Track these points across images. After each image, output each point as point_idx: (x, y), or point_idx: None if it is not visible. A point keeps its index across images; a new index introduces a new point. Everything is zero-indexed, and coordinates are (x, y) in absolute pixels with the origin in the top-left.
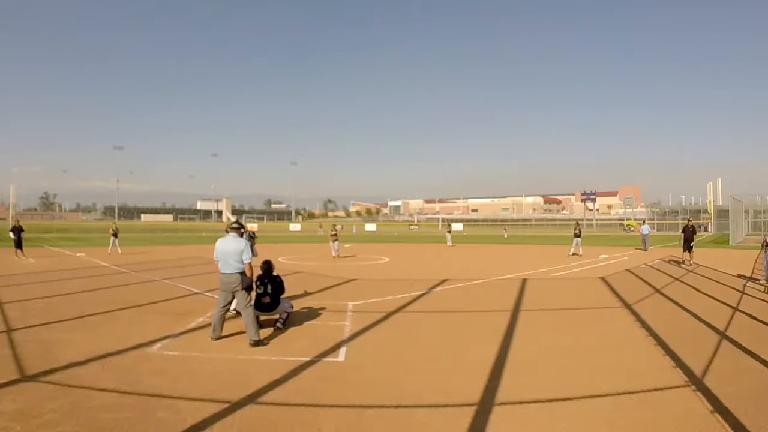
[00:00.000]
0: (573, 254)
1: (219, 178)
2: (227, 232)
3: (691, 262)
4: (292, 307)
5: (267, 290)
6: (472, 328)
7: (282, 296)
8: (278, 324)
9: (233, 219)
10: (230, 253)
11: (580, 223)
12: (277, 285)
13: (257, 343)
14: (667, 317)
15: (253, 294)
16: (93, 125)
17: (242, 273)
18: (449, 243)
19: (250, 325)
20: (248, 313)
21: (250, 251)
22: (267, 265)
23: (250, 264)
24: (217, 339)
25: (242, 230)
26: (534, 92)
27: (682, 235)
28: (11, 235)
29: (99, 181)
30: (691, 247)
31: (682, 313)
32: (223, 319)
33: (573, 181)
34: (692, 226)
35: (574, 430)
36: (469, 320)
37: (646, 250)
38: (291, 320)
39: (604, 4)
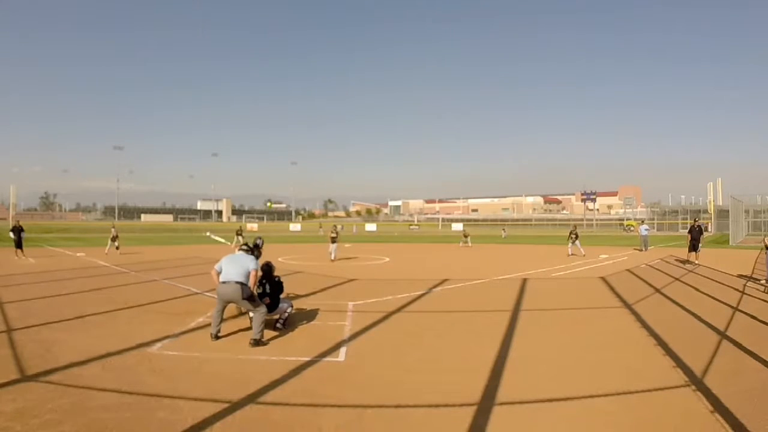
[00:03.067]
0: (572, 254)
1: (219, 178)
2: (237, 234)
3: (696, 262)
4: (292, 306)
5: (266, 290)
6: (472, 328)
7: (282, 296)
8: (278, 325)
9: (242, 239)
10: (237, 266)
11: (577, 225)
12: (277, 286)
13: (257, 342)
14: (667, 317)
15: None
16: (93, 125)
17: (242, 284)
18: (468, 243)
19: (258, 325)
20: (262, 312)
21: (256, 262)
22: (267, 267)
23: (256, 271)
24: (216, 338)
25: (252, 252)
26: (534, 92)
27: (689, 235)
28: (11, 235)
29: (99, 181)
30: (698, 247)
31: (682, 313)
32: (221, 318)
33: (573, 181)
34: (698, 226)
35: (574, 430)
36: (469, 320)
37: (645, 250)
38: (291, 320)
39: (604, 4)
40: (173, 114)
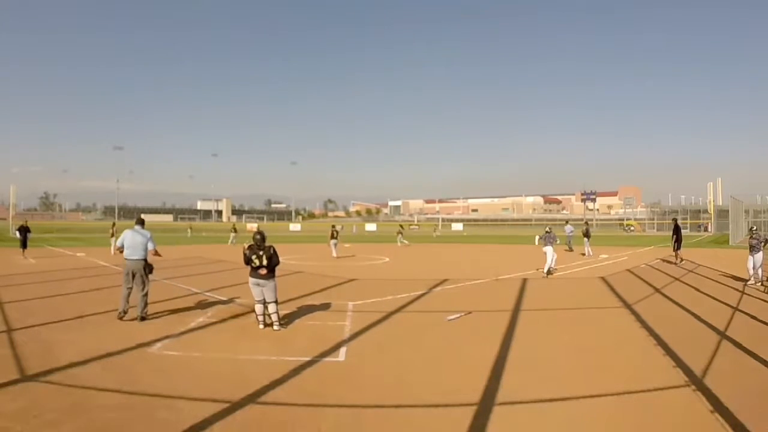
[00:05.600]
0: (584, 254)
1: (219, 178)
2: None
3: (678, 259)
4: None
5: (263, 262)
6: (472, 328)
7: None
8: (275, 327)
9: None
10: (138, 243)
11: (588, 222)
12: (272, 255)
13: (144, 318)
14: (668, 317)
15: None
16: (93, 125)
17: (145, 259)
18: (403, 242)
19: (142, 304)
20: (144, 294)
21: (153, 242)
22: (261, 236)
23: (155, 250)
24: (122, 317)
25: (144, 224)
26: (534, 92)
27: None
28: (18, 235)
29: (99, 181)
30: (676, 245)
31: (682, 313)
32: (128, 298)
33: (573, 181)
34: (676, 225)
35: (574, 430)
36: (469, 320)
37: (571, 250)
38: (290, 320)
39: (604, 4)
40: (173, 114)
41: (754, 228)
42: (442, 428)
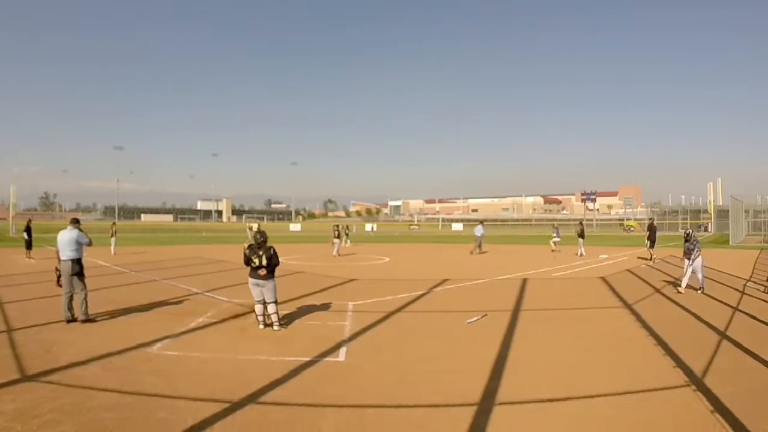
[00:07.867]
0: (578, 254)
1: (219, 178)
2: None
3: (651, 259)
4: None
5: (262, 262)
6: (472, 328)
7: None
8: (276, 327)
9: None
10: (65, 242)
11: (582, 222)
12: (272, 255)
13: (88, 320)
14: (668, 317)
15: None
16: (93, 125)
17: (74, 260)
18: (347, 243)
19: (83, 306)
20: (83, 296)
21: (84, 238)
22: (261, 236)
23: (89, 243)
24: (69, 321)
25: (79, 224)
26: (534, 92)
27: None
28: (25, 235)
29: (99, 181)
30: (648, 243)
31: (683, 313)
32: (69, 303)
33: (573, 181)
34: (653, 225)
35: (574, 430)
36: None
37: (480, 252)
38: (291, 320)
39: (604, 4)
40: (173, 114)
41: (690, 232)
42: (442, 428)
